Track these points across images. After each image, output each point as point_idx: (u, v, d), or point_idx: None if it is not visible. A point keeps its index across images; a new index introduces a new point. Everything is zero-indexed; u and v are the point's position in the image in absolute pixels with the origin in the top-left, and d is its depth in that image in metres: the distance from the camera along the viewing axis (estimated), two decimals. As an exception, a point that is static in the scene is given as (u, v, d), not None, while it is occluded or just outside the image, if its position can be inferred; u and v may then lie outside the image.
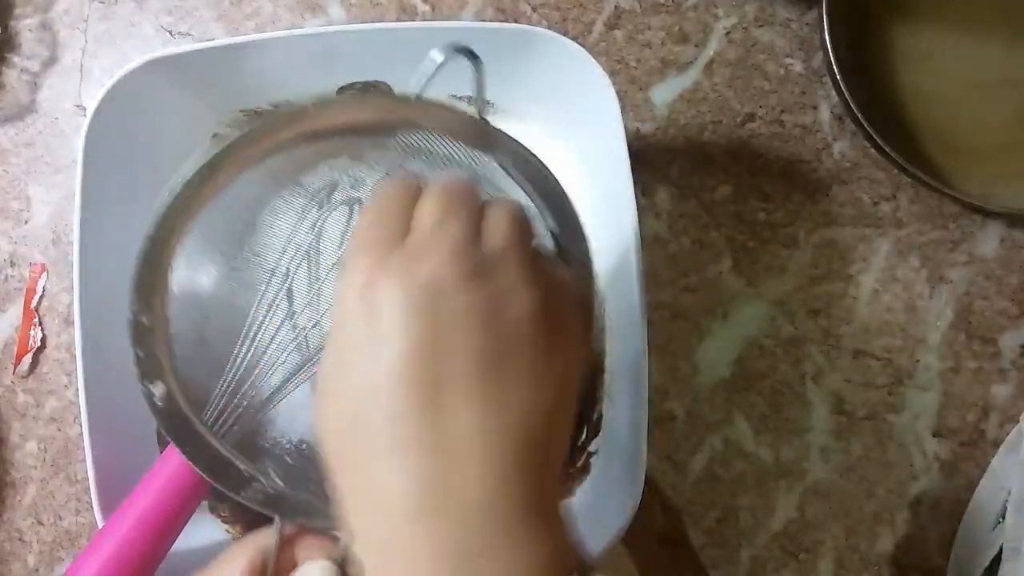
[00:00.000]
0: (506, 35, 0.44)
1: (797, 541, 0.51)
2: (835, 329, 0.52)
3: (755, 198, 0.53)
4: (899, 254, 0.53)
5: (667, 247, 0.52)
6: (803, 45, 0.54)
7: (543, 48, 0.43)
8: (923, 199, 0.53)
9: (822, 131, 0.53)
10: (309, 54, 0.46)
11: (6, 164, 0.54)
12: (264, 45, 0.44)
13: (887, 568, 0.51)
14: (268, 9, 0.55)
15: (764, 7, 0.54)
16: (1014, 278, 0.52)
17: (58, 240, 0.54)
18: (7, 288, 0.54)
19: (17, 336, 0.53)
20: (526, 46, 0.44)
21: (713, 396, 0.52)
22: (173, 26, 0.55)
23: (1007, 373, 0.52)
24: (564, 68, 0.44)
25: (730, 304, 0.52)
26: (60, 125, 0.55)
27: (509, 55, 0.45)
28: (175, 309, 0.35)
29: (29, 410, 0.53)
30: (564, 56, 0.43)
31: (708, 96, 0.54)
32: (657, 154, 0.53)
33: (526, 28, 0.43)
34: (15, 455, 0.53)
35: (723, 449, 0.51)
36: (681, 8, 0.54)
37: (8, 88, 0.55)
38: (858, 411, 0.52)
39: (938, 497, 0.51)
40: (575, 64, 0.43)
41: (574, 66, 0.43)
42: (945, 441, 0.51)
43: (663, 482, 0.51)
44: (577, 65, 0.43)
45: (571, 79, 0.44)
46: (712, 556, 0.51)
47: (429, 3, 0.55)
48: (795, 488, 0.51)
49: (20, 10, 0.56)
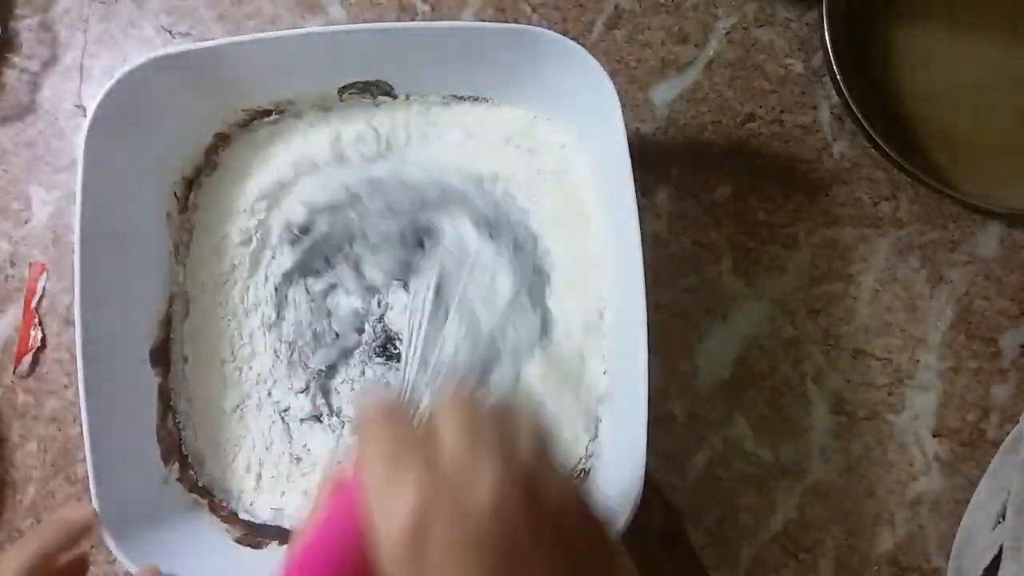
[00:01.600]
0: (506, 35, 0.44)
1: (797, 541, 0.51)
2: (835, 329, 0.52)
3: (755, 198, 0.53)
4: (899, 254, 0.53)
5: (667, 247, 0.52)
6: (803, 45, 0.54)
7: (543, 48, 0.43)
8: (923, 199, 0.53)
9: (822, 131, 0.53)
10: (312, 53, 0.46)
11: (6, 164, 0.54)
12: (266, 44, 0.44)
13: (887, 568, 0.51)
14: (268, 9, 0.55)
15: (764, 7, 0.54)
16: (1014, 278, 0.52)
17: (58, 240, 0.54)
18: (7, 288, 0.54)
19: (17, 336, 0.53)
20: (527, 46, 0.44)
21: (713, 396, 0.52)
22: (173, 26, 0.55)
23: (1007, 373, 0.52)
24: (564, 68, 0.44)
25: (730, 304, 0.52)
26: (60, 125, 0.55)
27: (509, 54, 0.45)
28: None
29: (29, 410, 0.53)
30: (564, 56, 0.43)
31: (708, 96, 0.54)
32: (657, 154, 0.53)
33: (526, 28, 0.43)
34: (15, 455, 0.53)
35: (723, 449, 0.51)
36: (681, 8, 0.54)
37: (8, 88, 0.55)
38: (858, 411, 0.52)
39: (938, 497, 0.51)
40: (575, 64, 0.43)
41: (574, 66, 0.43)
42: (945, 441, 0.51)
43: (663, 482, 0.51)
44: (577, 65, 0.43)
45: (572, 79, 0.44)
46: (712, 556, 0.50)
47: (429, 3, 0.55)
48: (795, 488, 0.51)
49: (20, 10, 0.56)
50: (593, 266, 0.48)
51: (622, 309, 0.46)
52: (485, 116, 0.50)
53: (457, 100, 0.50)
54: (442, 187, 0.49)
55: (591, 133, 0.47)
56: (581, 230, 0.49)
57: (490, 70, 0.47)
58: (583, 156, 0.49)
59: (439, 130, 0.51)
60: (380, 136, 0.50)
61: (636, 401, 0.40)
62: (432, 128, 0.51)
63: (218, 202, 0.50)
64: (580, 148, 0.49)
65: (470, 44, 0.45)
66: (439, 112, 0.51)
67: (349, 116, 0.50)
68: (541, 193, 0.50)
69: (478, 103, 0.50)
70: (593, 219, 0.49)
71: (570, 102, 0.47)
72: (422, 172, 0.50)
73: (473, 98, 0.50)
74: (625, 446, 0.42)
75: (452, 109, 0.50)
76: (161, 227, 0.48)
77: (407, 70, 0.48)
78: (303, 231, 0.50)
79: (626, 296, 0.43)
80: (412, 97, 0.50)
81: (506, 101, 0.50)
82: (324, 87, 0.49)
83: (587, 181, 0.49)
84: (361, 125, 0.50)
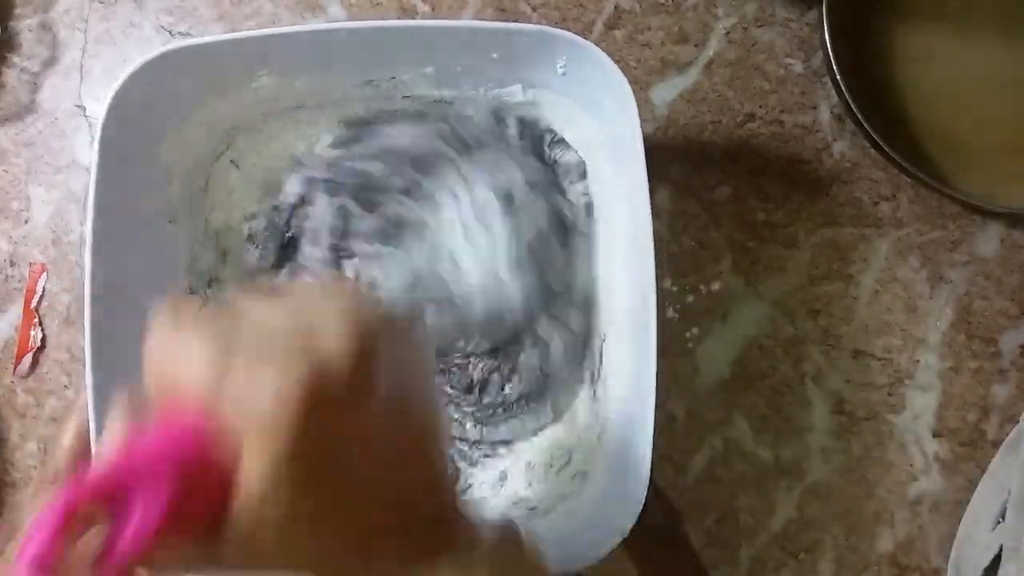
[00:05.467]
0: (531, 36, 0.43)
1: (797, 541, 0.51)
2: (835, 329, 0.52)
3: (755, 198, 0.53)
4: (899, 254, 0.53)
5: (667, 247, 0.52)
6: (803, 45, 0.54)
7: (567, 51, 0.43)
8: (923, 199, 0.53)
9: (822, 131, 0.53)
10: (326, 50, 0.45)
11: (6, 164, 0.54)
12: (281, 39, 0.43)
13: (887, 568, 0.51)
14: (268, 9, 0.55)
15: (764, 7, 0.54)
16: (1014, 278, 0.52)
17: (58, 240, 0.54)
18: (7, 288, 0.54)
19: (17, 336, 0.53)
20: (552, 48, 0.43)
21: (713, 396, 0.52)
22: (173, 26, 0.55)
23: (1007, 373, 0.52)
24: (585, 72, 0.43)
25: (730, 304, 0.52)
26: (60, 125, 0.55)
27: (533, 58, 0.45)
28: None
29: (29, 410, 0.53)
30: (585, 59, 0.42)
31: (708, 96, 0.54)
32: (657, 154, 0.53)
33: (558, 33, 0.42)
34: (15, 455, 0.53)
35: (723, 449, 0.51)
36: (681, 8, 0.54)
37: (8, 88, 0.55)
38: (858, 411, 0.52)
39: (938, 497, 0.51)
40: (599, 71, 0.42)
41: (598, 72, 0.42)
42: (945, 441, 0.51)
43: (663, 482, 0.51)
44: (600, 71, 0.42)
45: (591, 82, 0.44)
46: (712, 556, 0.50)
47: (429, 3, 0.55)
48: (795, 488, 0.51)
49: (20, 10, 0.56)
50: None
51: (630, 308, 0.46)
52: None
53: (475, 95, 0.49)
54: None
55: (606, 129, 0.46)
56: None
57: (490, 66, 0.47)
58: (597, 152, 0.49)
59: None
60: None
61: (642, 400, 0.40)
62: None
63: (233, 195, 0.50)
64: (594, 144, 0.49)
65: (472, 43, 0.45)
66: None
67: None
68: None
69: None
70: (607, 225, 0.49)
71: (586, 100, 0.46)
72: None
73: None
74: (630, 447, 0.42)
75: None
76: (176, 221, 0.48)
77: (412, 67, 0.48)
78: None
79: (636, 292, 0.43)
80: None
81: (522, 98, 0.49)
82: (339, 83, 0.48)
83: (599, 176, 0.49)
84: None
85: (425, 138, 0.48)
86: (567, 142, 0.50)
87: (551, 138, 0.50)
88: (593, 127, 0.47)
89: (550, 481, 0.48)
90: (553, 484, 0.47)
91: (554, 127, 0.50)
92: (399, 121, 0.49)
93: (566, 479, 0.47)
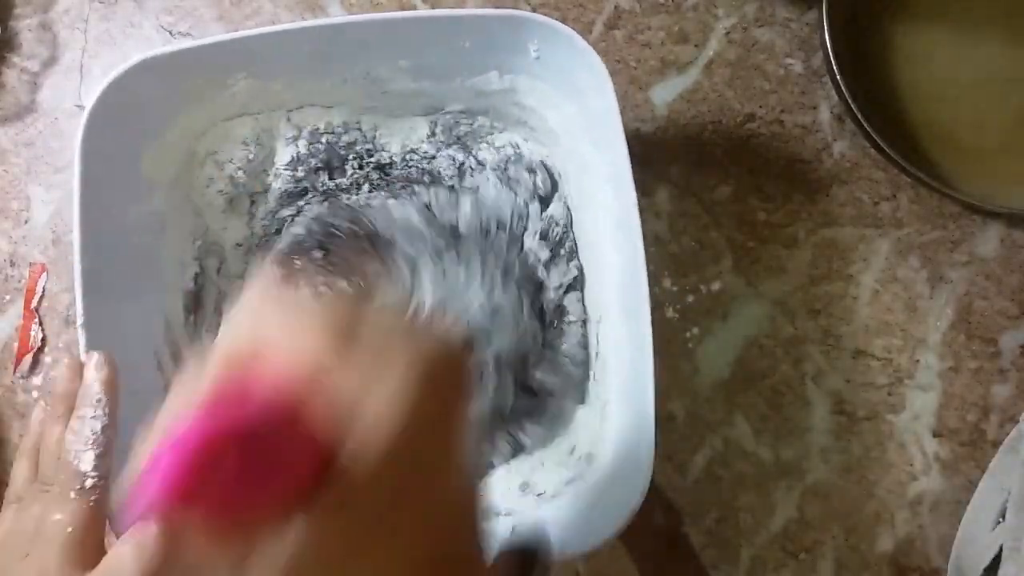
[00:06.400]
0: (501, 21, 0.44)
1: (797, 541, 0.51)
2: (835, 329, 0.52)
3: (755, 198, 0.53)
4: (899, 254, 0.53)
5: (667, 247, 0.52)
6: (803, 45, 0.54)
7: (538, 34, 0.43)
8: (923, 199, 0.53)
9: (822, 131, 0.53)
10: (307, 50, 0.45)
11: (6, 164, 0.54)
12: (258, 40, 0.44)
13: (887, 568, 0.51)
14: (268, 9, 0.55)
15: (764, 7, 0.54)
16: (1014, 278, 0.52)
17: (58, 240, 0.54)
18: (7, 288, 0.54)
19: (17, 336, 0.53)
20: (523, 33, 0.43)
21: (713, 396, 0.52)
22: (173, 26, 0.55)
23: (1007, 373, 0.52)
24: (559, 54, 0.44)
25: (730, 304, 0.52)
26: (60, 125, 0.55)
27: (505, 43, 0.45)
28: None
29: (29, 410, 0.53)
30: (558, 41, 0.43)
31: (708, 96, 0.54)
32: (657, 154, 0.53)
33: (526, 15, 0.43)
34: (15, 455, 0.53)
35: (723, 449, 0.51)
36: (681, 8, 0.54)
37: (8, 88, 0.55)
38: (858, 411, 0.52)
39: (938, 497, 0.51)
40: (572, 50, 0.42)
41: (572, 52, 0.43)
42: (945, 441, 0.51)
43: (663, 482, 0.51)
44: (573, 51, 0.42)
45: (565, 63, 0.44)
46: (712, 556, 0.50)
47: (429, 3, 0.55)
48: (795, 488, 0.51)
49: (20, 10, 0.56)
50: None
51: (627, 309, 0.46)
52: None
53: (484, 92, 0.49)
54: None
55: (590, 119, 0.46)
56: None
57: (485, 61, 0.47)
58: (580, 140, 0.48)
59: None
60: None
61: (641, 399, 0.40)
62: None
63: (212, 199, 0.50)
64: (582, 129, 0.49)
65: (469, 32, 0.45)
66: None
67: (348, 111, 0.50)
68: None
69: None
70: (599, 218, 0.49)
71: (568, 86, 0.46)
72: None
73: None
74: (629, 444, 0.42)
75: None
76: (164, 224, 0.48)
77: (409, 63, 0.48)
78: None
79: (630, 292, 0.43)
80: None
81: (503, 86, 0.49)
82: (321, 82, 0.48)
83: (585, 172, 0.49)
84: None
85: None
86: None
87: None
88: (572, 110, 0.47)
89: (557, 464, 0.48)
90: (560, 467, 0.47)
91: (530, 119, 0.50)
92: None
93: (572, 462, 0.47)
